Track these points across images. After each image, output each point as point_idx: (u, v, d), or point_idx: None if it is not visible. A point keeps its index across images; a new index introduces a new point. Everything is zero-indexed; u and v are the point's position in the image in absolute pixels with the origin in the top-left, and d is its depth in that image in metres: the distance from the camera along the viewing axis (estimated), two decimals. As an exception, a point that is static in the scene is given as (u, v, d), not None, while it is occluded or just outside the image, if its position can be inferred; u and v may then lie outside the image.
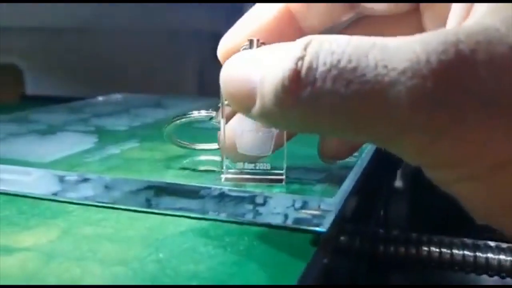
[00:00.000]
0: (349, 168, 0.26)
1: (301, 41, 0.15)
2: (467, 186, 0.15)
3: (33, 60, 0.69)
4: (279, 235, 0.21)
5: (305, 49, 0.15)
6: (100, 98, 0.55)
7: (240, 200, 0.23)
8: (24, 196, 0.26)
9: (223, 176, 0.24)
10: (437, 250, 0.33)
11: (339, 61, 0.14)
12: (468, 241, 0.33)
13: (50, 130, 0.38)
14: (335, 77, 0.14)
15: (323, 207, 0.21)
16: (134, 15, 0.79)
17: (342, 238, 0.22)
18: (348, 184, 0.24)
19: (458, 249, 0.32)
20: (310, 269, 0.17)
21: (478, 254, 0.32)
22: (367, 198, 0.29)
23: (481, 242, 0.33)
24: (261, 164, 0.24)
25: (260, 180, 0.24)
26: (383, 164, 0.36)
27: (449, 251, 0.32)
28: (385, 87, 0.14)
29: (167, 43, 0.93)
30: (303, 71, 0.15)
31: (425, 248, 0.33)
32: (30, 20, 0.66)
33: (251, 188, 0.24)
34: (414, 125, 0.14)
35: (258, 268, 0.18)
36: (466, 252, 0.32)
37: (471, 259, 0.32)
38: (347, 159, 0.27)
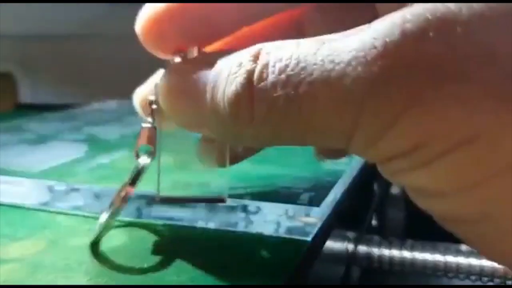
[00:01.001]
0: (338, 175, 0.26)
1: (249, 53, 0.15)
2: (426, 171, 0.14)
3: (27, 68, 0.69)
4: (266, 244, 0.21)
5: (255, 61, 0.15)
6: (95, 106, 0.55)
7: (231, 209, 0.23)
8: (13, 206, 0.26)
9: (158, 196, 0.21)
10: (431, 256, 0.33)
11: (286, 66, 0.14)
12: (463, 247, 0.33)
13: (41, 140, 0.38)
14: (284, 83, 0.14)
15: (313, 216, 0.21)
16: (130, 21, 0.79)
17: (329, 245, 0.22)
18: (336, 192, 0.24)
19: (452, 255, 0.32)
20: (293, 279, 0.17)
21: (473, 260, 0.32)
22: (358, 205, 0.28)
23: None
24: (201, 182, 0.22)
25: (199, 200, 0.22)
26: (376, 170, 0.36)
27: (443, 258, 0.32)
28: (332, 82, 0.13)
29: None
30: (256, 84, 0.14)
31: (419, 254, 0.33)
32: (24, 28, 0.66)
33: (242, 197, 0.23)
34: (367, 114, 0.13)
35: (243, 278, 0.18)
36: (461, 259, 0.32)
37: (466, 265, 0.32)
38: (338, 167, 0.27)
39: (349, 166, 0.28)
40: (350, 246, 0.26)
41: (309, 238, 0.20)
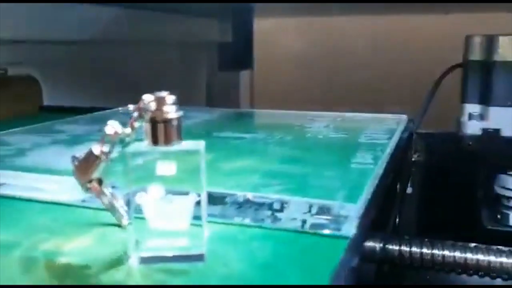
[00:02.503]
0: (366, 174, 0.27)
1: None
2: None
3: (49, 71, 0.71)
4: (302, 239, 0.22)
5: None
6: (120, 109, 0.56)
7: (259, 206, 0.24)
8: (57, 203, 0.27)
9: (134, 257, 0.20)
10: (452, 254, 0.34)
11: None
12: (471, 245, 0.34)
13: (75, 140, 0.39)
14: None
15: (343, 212, 0.22)
16: (146, 27, 0.81)
17: (366, 242, 0.23)
18: (368, 190, 0.25)
19: (470, 253, 0.34)
20: (339, 270, 0.18)
21: (480, 257, 0.33)
22: (384, 204, 0.30)
23: (482, 246, 0.34)
24: (177, 239, 0.20)
25: (178, 259, 0.20)
26: (397, 172, 0.37)
27: (459, 255, 0.34)
28: None
29: (178, 54, 0.95)
30: None
31: (439, 252, 0.34)
32: (45, 33, 0.68)
33: (271, 194, 0.24)
34: None
35: (287, 272, 0.19)
36: (469, 255, 0.33)
37: (473, 262, 0.33)
38: (365, 166, 0.28)
39: (376, 166, 0.29)
40: (379, 245, 0.27)
41: (349, 234, 0.21)
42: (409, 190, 0.53)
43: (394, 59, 0.97)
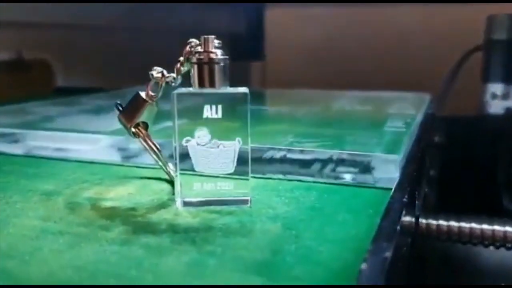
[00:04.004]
0: (400, 134, 0.27)
1: None
2: None
3: (62, 55, 0.71)
4: (344, 189, 0.22)
5: None
6: (137, 88, 0.57)
7: (298, 160, 0.24)
8: (91, 162, 0.27)
9: (180, 200, 0.20)
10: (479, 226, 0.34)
11: None
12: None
13: (101, 110, 0.39)
14: None
15: (385, 163, 0.22)
16: (156, 16, 0.82)
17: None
18: (406, 145, 0.25)
19: (498, 225, 0.34)
20: (385, 217, 0.18)
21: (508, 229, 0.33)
22: (419, 167, 0.30)
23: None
24: (223, 183, 0.20)
25: (223, 202, 0.20)
26: (425, 147, 0.37)
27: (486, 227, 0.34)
28: None
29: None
30: None
31: (466, 225, 0.34)
32: (60, 17, 0.68)
33: (316, 149, 0.24)
34: None
35: (334, 213, 0.19)
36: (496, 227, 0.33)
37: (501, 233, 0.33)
38: (397, 129, 0.28)
39: (409, 129, 0.29)
40: (409, 218, 0.27)
41: (393, 185, 0.22)
42: (432, 173, 0.53)
43: (408, 47, 0.96)
